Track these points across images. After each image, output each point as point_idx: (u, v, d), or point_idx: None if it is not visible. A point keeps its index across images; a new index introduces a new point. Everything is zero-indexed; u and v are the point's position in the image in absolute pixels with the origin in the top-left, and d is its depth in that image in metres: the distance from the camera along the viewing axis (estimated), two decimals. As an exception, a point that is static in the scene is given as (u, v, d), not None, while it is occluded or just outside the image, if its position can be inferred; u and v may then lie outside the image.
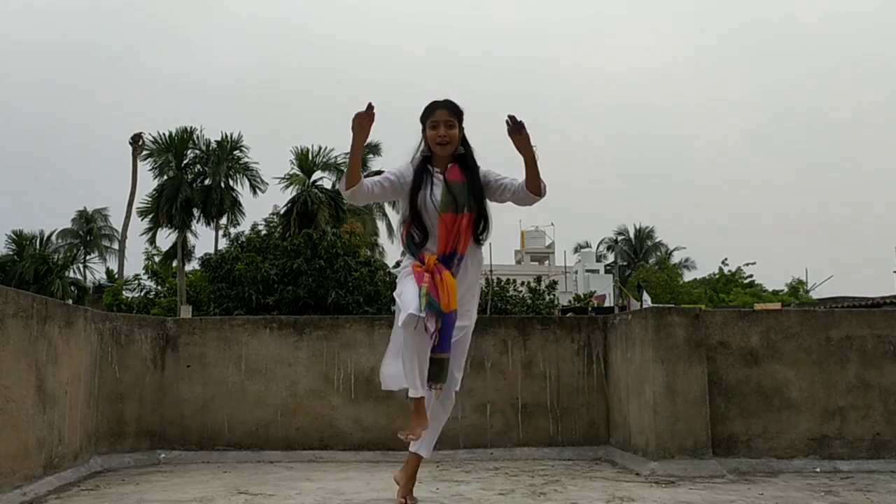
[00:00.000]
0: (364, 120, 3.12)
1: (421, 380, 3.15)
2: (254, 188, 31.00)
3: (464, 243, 3.30)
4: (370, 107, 3.11)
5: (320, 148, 30.73)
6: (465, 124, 3.38)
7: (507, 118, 3.18)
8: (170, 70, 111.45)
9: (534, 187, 3.28)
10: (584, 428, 4.99)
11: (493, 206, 3.42)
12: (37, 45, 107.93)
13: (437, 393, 3.27)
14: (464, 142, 3.39)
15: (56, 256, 40.79)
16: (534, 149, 3.22)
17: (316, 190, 29.62)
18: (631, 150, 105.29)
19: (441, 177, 3.32)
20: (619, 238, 57.07)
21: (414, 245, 3.32)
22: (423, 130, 3.38)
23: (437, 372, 3.23)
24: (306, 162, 30.29)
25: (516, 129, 3.17)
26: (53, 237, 44.38)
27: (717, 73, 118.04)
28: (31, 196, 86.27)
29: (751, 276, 48.16)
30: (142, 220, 31.10)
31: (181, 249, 29.12)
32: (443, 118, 3.31)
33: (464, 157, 3.37)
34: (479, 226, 3.34)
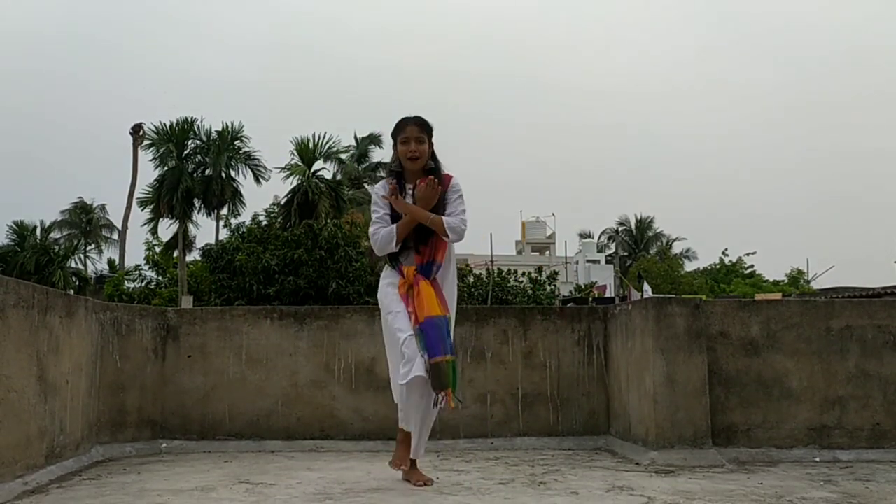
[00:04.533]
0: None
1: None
2: (257, 177, 31.01)
3: (441, 252, 3.48)
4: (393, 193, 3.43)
5: (321, 137, 30.71)
6: (434, 139, 3.56)
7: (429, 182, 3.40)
8: (172, 60, 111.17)
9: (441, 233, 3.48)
10: (584, 418, 5.00)
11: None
12: (36, 34, 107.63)
13: (450, 401, 3.29)
14: (433, 156, 3.57)
15: (57, 247, 40.78)
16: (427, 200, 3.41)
17: (316, 180, 29.59)
18: (632, 140, 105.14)
19: (412, 192, 3.50)
20: (621, 228, 57.04)
21: (393, 257, 3.54)
22: (395, 146, 3.55)
23: (435, 376, 3.28)
24: (307, 152, 30.24)
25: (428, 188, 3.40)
26: (54, 228, 44.40)
27: (718, 61, 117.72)
28: (30, 185, 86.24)
29: (751, 266, 48.17)
30: (142, 210, 31.15)
31: (182, 240, 29.16)
32: (413, 134, 3.49)
33: (433, 171, 3.52)
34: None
